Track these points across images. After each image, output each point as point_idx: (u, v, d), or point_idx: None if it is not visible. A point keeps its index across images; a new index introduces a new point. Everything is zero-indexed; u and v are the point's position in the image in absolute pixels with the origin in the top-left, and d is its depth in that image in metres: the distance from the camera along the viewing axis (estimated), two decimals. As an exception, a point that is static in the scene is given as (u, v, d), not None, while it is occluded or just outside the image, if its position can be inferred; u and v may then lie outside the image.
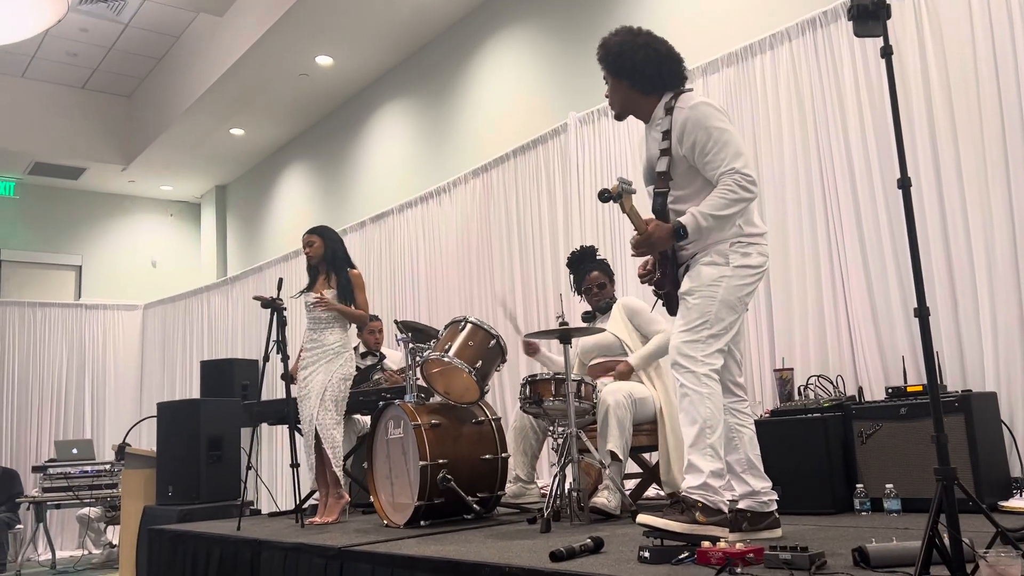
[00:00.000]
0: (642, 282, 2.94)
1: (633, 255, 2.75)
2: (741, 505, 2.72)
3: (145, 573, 4.83)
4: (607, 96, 2.92)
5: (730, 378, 2.78)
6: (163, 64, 9.49)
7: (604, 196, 2.69)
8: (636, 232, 2.66)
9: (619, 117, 2.94)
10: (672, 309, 2.81)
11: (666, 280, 2.76)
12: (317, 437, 4.32)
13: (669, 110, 2.74)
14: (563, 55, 6.41)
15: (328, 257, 4.54)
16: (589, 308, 4.37)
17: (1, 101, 9.52)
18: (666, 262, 2.75)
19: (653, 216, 2.75)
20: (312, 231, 4.64)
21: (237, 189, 11.18)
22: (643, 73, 2.79)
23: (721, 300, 2.61)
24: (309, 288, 4.57)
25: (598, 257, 4.41)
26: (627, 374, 4.02)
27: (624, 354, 4.11)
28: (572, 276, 4.40)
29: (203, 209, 11.76)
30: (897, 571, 1.94)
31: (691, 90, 2.83)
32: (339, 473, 4.30)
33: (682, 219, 2.60)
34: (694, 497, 2.48)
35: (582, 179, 5.63)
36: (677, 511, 2.46)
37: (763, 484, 2.72)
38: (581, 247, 4.46)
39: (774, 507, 2.73)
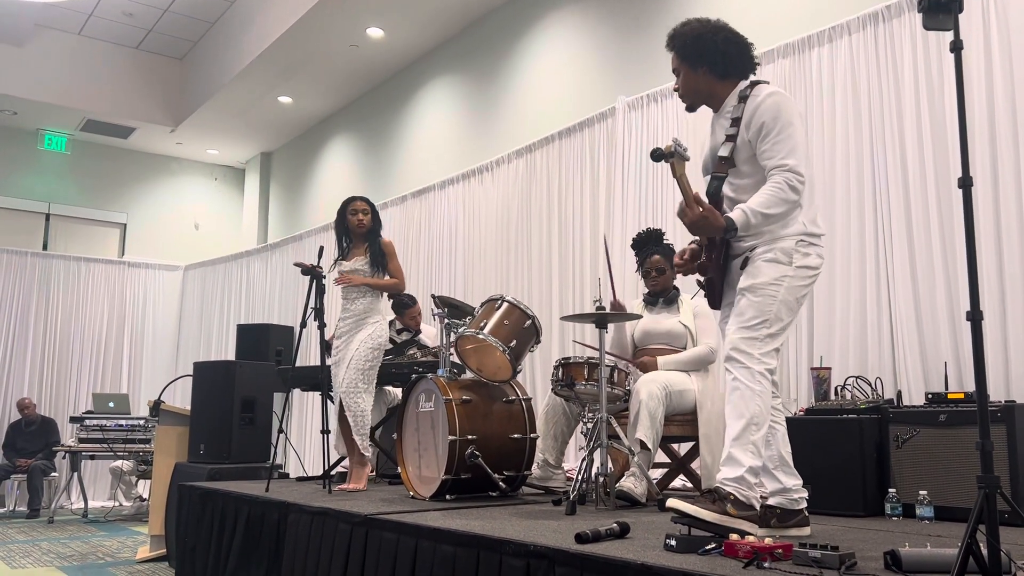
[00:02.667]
0: (677, 270, 2.90)
1: (682, 216, 2.63)
2: (771, 502, 2.69)
3: (174, 528, 4.93)
4: (676, 88, 2.86)
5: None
6: (216, 28, 9.57)
7: (656, 154, 2.60)
8: (683, 201, 2.59)
9: (691, 108, 2.89)
10: (714, 299, 2.78)
11: (711, 266, 2.73)
12: (342, 404, 4.35)
13: (743, 99, 2.71)
14: (614, 38, 6.34)
15: (374, 229, 4.54)
16: (647, 292, 4.31)
17: (58, 58, 9.68)
18: (713, 248, 2.71)
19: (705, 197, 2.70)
20: (365, 200, 4.59)
21: (282, 157, 11.27)
22: (725, 54, 2.75)
23: (782, 300, 2.58)
24: (343, 256, 4.57)
25: (665, 241, 4.33)
26: (647, 369, 3.99)
27: (686, 347, 4.10)
28: (636, 257, 4.37)
29: (247, 175, 11.89)
30: (930, 577, 1.91)
31: (767, 82, 2.79)
32: (360, 442, 4.29)
33: (732, 215, 2.56)
34: (728, 489, 2.46)
35: (627, 165, 5.58)
36: (708, 500, 2.43)
37: (794, 482, 2.69)
38: (648, 229, 4.40)
39: (803, 505, 2.71)
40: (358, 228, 4.53)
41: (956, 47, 2.04)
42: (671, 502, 2.42)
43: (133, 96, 10.18)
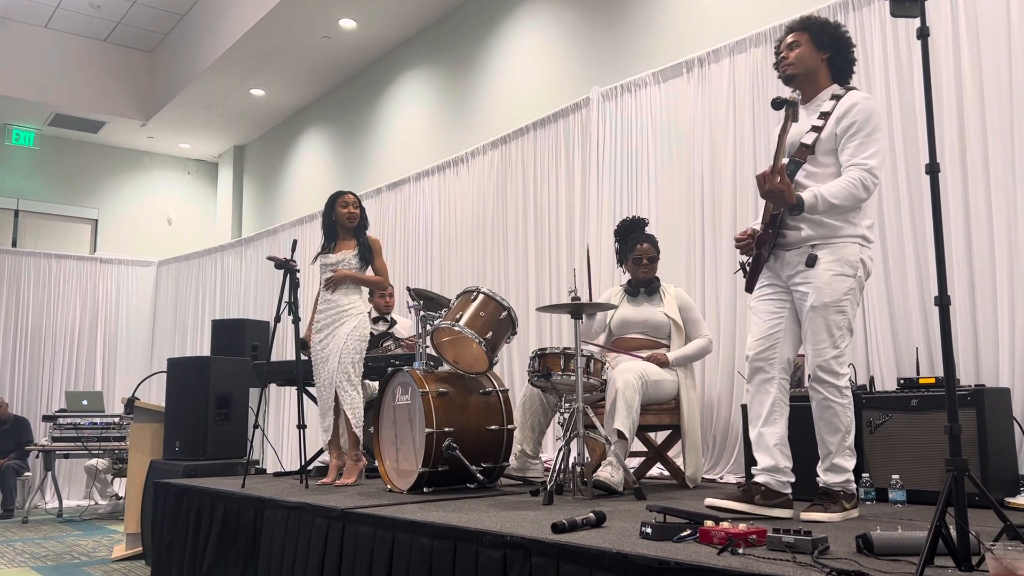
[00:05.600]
0: (737, 245, 3.01)
1: (762, 181, 2.75)
2: (760, 479, 2.80)
3: (150, 525, 4.88)
4: (784, 56, 2.99)
5: (791, 358, 2.92)
6: (186, 20, 9.45)
7: (778, 102, 2.73)
8: (770, 167, 2.72)
9: (789, 80, 3.01)
10: (752, 282, 2.95)
11: (767, 239, 2.86)
12: (336, 399, 4.32)
13: (836, 97, 2.87)
14: (588, 28, 6.33)
15: (361, 224, 4.53)
16: (629, 280, 4.32)
17: (24, 51, 9.51)
18: (774, 222, 2.84)
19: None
20: (353, 194, 4.59)
21: (255, 150, 11.17)
22: (845, 58, 2.96)
23: (851, 312, 2.78)
24: (329, 250, 4.52)
25: (647, 231, 4.37)
26: (661, 364, 4.02)
27: (670, 338, 4.11)
28: (617, 245, 4.36)
29: (220, 169, 11.77)
30: (901, 560, 1.93)
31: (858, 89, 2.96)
32: (360, 434, 4.29)
33: (804, 194, 2.71)
34: (837, 490, 2.75)
35: (602, 155, 5.58)
36: (829, 502, 2.73)
37: (787, 464, 2.81)
38: (633, 216, 4.42)
39: (789, 489, 2.80)
40: (348, 221, 4.50)
41: (923, 34, 2.06)
42: (805, 515, 2.69)
43: (102, 90, 10.03)
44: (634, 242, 4.26)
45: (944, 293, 1.96)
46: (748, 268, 2.97)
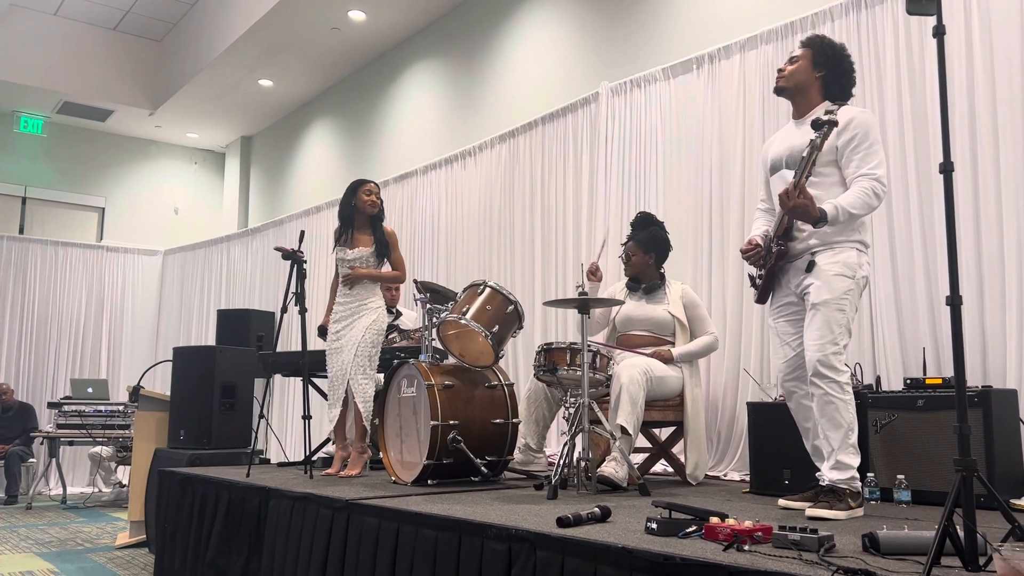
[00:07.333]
0: (745, 257, 3.11)
1: (786, 198, 2.81)
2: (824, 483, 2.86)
3: (154, 514, 4.90)
4: (781, 69, 3.13)
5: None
6: (195, 10, 9.45)
7: (817, 123, 2.81)
8: (791, 185, 2.79)
9: (780, 91, 3.14)
10: (763, 295, 3.07)
11: (787, 251, 2.97)
12: (347, 390, 4.33)
13: (830, 112, 2.92)
14: (598, 23, 6.31)
15: (379, 215, 4.50)
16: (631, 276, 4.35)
17: (33, 39, 9.51)
18: (788, 235, 2.96)
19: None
20: (375, 183, 4.56)
21: (262, 141, 11.17)
22: (842, 76, 3.06)
23: (849, 312, 2.85)
24: (346, 238, 4.46)
25: (661, 232, 4.31)
26: (665, 360, 4.03)
27: (674, 336, 4.12)
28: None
29: (227, 159, 11.77)
30: (907, 559, 1.93)
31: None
32: (368, 427, 4.31)
33: (824, 207, 2.78)
34: (843, 487, 2.77)
35: (610, 150, 5.57)
36: (835, 500, 2.75)
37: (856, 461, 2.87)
38: (641, 212, 4.44)
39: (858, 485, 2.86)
40: (370, 209, 4.43)
41: (939, 32, 2.05)
42: (811, 511, 2.71)
43: (111, 78, 10.03)
44: (628, 239, 4.31)
45: (956, 293, 1.95)
46: (760, 280, 3.07)
